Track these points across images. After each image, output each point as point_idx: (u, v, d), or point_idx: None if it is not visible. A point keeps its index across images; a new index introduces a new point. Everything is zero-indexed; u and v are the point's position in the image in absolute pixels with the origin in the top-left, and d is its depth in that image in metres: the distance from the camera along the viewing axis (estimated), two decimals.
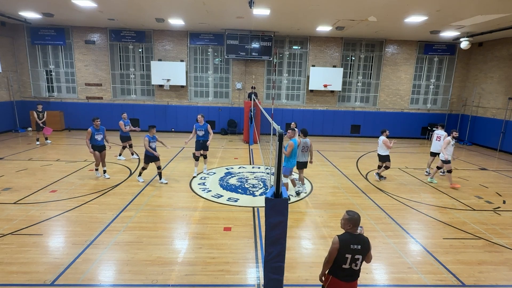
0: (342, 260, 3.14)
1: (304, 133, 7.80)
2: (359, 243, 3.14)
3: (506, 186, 9.30)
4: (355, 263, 3.15)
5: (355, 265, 3.15)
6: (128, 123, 10.60)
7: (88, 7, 11.07)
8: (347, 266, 3.15)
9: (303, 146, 7.76)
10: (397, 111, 16.85)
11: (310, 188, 8.42)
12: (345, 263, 3.14)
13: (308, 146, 7.80)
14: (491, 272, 4.87)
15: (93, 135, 8.36)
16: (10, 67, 15.00)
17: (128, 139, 10.64)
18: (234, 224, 6.16)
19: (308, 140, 7.80)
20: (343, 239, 3.16)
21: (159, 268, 4.63)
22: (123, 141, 10.63)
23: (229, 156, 11.73)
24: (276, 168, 3.26)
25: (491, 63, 14.95)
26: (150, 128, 8.34)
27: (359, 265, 3.16)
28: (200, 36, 15.53)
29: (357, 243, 3.14)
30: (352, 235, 3.20)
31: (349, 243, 3.14)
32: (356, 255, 3.12)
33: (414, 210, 7.22)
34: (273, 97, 16.31)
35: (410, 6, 9.67)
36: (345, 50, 16.24)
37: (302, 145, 7.75)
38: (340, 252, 3.13)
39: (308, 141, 7.82)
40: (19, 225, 5.82)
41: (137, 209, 6.69)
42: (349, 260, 3.13)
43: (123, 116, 10.59)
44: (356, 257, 3.13)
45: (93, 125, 8.41)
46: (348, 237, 3.18)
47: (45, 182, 8.14)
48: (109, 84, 15.91)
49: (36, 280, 4.29)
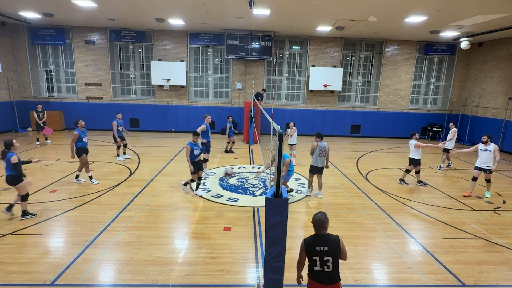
0: (312, 262, 3.15)
1: (319, 137, 7.40)
2: (325, 244, 3.09)
3: (506, 186, 9.31)
4: (326, 265, 3.09)
5: (326, 267, 3.09)
6: (121, 123, 10.51)
7: (88, 7, 11.07)
8: (319, 268, 3.12)
9: (321, 150, 7.40)
10: (397, 111, 16.85)
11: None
12: (315, 265, 3.12)
13: (326, 150, 7.44)
14: (491, 272, 4.87)
15: (81, 137, 7.92)
16: (10, 67, 15.00)
17: (122, 139, 10.49)
18: (234, 224, 6.16)
19: (325, 144, 7.45)
20: (308, 242, 3.18)
21: (159, 268, 4.63)
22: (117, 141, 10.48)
23: (229, 156, 11.73)
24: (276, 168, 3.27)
25: (491, 63, 14.95)
26: (193, 136, 7.42)
27: (331, 267, 3.09)
28: (200, 36, 15.53)
29: (323, 244, 3.10)
30: (318, 236, 3.18)
31: (314, 245, 3.12)
32: (324, 257, 3.07)
33: (414, 210, 7.22)
34: (273, 97, 16.30)
35: (410, 6, 9.66)
36: (345, 50, 16.24)
37: (320, 149, 7.40)
38: (308, 255, 3.17)
39: (326, 144, 7.46)
40: (19, 225, 5.82)
41: (137, 209, 6.69)
42: (318, 262, 3.10)
43: (118, 117, 10.48)
44: (325, 259, 3.07)
45: (77, 128, 7.98)
46: (313, 239, 3.17)
47: (45, 182, 8.14)
48: (109, 84, 15.91)
49: (36, 280, 4.29)
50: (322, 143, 7.42)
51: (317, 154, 7.44)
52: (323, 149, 7.44)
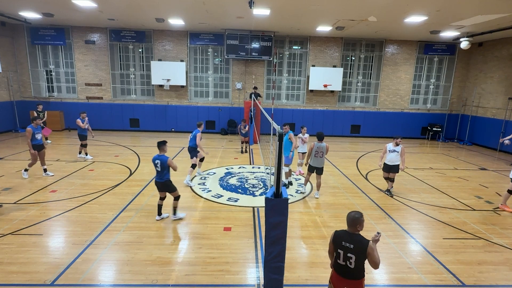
0: (337, 254, 3.23)
1: (319, 137, 7.43)
2: (352, 242, 3.14)
3: (506, 186, 9.26)
4: (349, 261, 3.15)
5: (349, 263, 3.15)
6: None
7: (88, 7, 11.07)
8: (342, 263, 3.19)
9: (317, 150, 7.44)
10: (397, 111, 16.85)
11: (310, 188, 8.41)
12: (339, 258, 3.20)
13: (323, 151, 7.43)
14: (491, 272, 4.86)
15: (33, 134, 8.25)
16: (10, 67, 15.01)
17: (85, 138, 10.45)
18: (234, 224, 6.16)
19: (324, 144, 7.42)
20: (337, 235, 3.27)
21: (159, 268, 4.63)
22: (82, 140, 10.44)
23: (229, 156, 11.73)
24: (276, 168, 3.27)
25: (491, 63, 14.95)
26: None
27: (353, 264, 3.14)
28: (200, 36, 15.53)
29: (350, 241, 3.15)
30: (347, 233, 3.22)
31: (341, 240, 3.19)
32: (348, 253, 3.14)
33: (414, 210, 7.22)
34: (273, 97, 16.31)
35: (410, 6, 9.67)
36: (345, 50, 16.24)
37: (316, 149, 7.44)
38: (334, 246, 3.26)
39: (324, 145, 7.43)
40: (19, 225, 5.82)
41: (137, 209, 6.69)
42: (342, 256, 3.17)
43: (82, 116, 10.43)
44: (349, 255, 3.13)
45: (32, 124, 8.29)
46: (343, 234, 3.23)
47: (45, 182, 8.14)
48: (109, 84, 15.91)
49: (36, 280, 4.29)
50: (320, 143, 7.43)
51: (313, 154, 7.52)
52: (320, 149, 7.45)
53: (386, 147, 8.01)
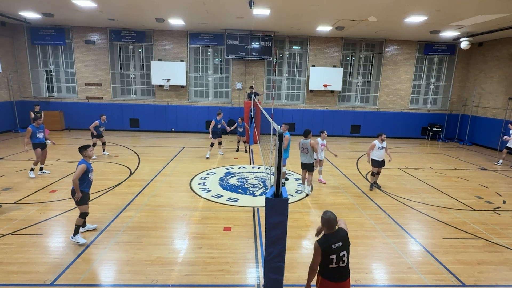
0: (328, 261, 3.15)
1: (304, 134, 7.78)
2: (339, 241, 3.15)
3: (506, 186, 9.30)
4: (342, 260, 3.15)
5: (342, 262, 3.15)
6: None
7: (88, 7, 11.07)
8: (334, 266, 3.15)
9: (302, 147, 7.78)
10: (397, 111, 16.85)
11: (310, 188, 8.41)
12: (331, 263, 3.15)
13: (307, 147, 7.69)
14: (491, 272, 4.86)
15: (34, 133, 8.38)
16: (10, 67, 15.00)
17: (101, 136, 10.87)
18: (234, 224, 6.16)
19: (307, 141, 7.70)
20: (323, 243, 3.17)
21: (159, 268, 4.63)
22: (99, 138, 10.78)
23: (229, 156, 11.73)
24: (276, 168, 3.26)
25: (491, 63, 14.95)
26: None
27: (346, 261, 3.15)
28: (200, 36, 15.53)
29: (337, 241, 3.15)
30: (330, 235, 3.21)
31: (329, 244, 3.15)
32: (340, 253, 3.13)
33: (414, 210, 7.22)
34: (273, 97, 16.31)
35: (410, 6, 9.67)
36: (345, 50, 16.24)
37: (301, 146, 7.79)
38: (324, 256, 3.15)
39: (308, 141, 7.71)
40: (19, 225, 5.81)
41: (137, 209, 6.69)
42: (335, 259, 3.14)
43: (102, 118, 10.76)
44: (341, 254, 3.14)
45: (33, 124, 8.45)
46: (327, 239, 3.19)
47: (45, 182, 8.14)
48: (109, 84, 15.91)
49: (36, 280, 4.29)
50: (304, 140, 7.75)
51: (300, 151, 7.90)
52: (304, 146, 7.74)
53: (374, 144, 8.27)
